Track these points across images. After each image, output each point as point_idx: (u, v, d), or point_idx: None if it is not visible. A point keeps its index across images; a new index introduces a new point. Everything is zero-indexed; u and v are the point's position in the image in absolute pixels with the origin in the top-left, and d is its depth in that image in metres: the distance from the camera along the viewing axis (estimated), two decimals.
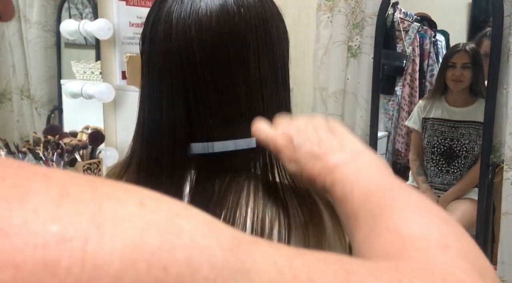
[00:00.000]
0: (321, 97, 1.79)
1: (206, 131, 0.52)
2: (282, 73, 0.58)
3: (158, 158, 0.53)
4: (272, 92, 0.55)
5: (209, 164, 0.52)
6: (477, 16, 2.73)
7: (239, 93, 0.52)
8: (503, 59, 1.46)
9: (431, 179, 2.24)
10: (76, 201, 0.17)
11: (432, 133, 2.22)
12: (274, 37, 0.55)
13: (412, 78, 2.64)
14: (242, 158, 0.54)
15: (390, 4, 2.32)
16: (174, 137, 0.52)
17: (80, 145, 1.36)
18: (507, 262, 1.43)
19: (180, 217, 0.19)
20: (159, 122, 0.53)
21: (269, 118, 0.54)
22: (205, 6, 0.50)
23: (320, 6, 1.75)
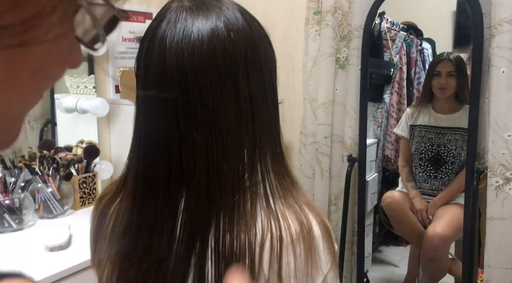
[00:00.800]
0: (311, 108, 1.83)
1: (195, 148, 0.54)
2: (271, 92, 0.61)
3: (154, 175, 0.55)
4: (261, 110, 0.58)
5: (201, 180, 0.54)
6: (462, 24, 2.79)
7: (229, 112, 0.54)
8: (484, 69, 1.52)
9: (420, 184, 2.29)
10: None
11: (419, 140, 2.27)
12: (262, 58, 0.58)
13: (400, 86, 2.69)
14: (234, 173, 0.56)
15: (376, 15, 2.38)
16: (169, 156, 0.54)
17: (76, 159, 1.38)
18: (493, 265, 1.48)
19: None
20: (154, 141, 0.56)
21: (259, 134, 0.58)
22: (197, 30, 0.53)
23: (308, 19, 1.80)
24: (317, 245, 0.57)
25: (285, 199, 0.57)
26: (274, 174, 0.58)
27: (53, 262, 1.06)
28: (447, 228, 2.01)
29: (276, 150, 0.61)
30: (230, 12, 0.56)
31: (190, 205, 0.55)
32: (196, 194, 0.55)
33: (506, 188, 1.44)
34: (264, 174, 0.57)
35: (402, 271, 2.53)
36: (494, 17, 1.43)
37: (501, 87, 1.43)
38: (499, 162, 1.44)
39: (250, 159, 0.57)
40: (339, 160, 1.85)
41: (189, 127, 0.54)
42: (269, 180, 0.57)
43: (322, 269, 0.57)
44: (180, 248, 0.55)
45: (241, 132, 0.55)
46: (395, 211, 2.25)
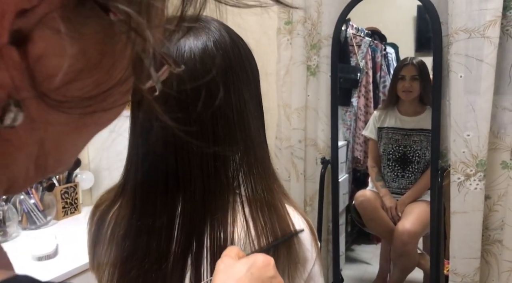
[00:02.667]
0: (285, 114, 1.90)
1: (190, 158, 0.59)
2: (258, 103, 0.67)
3: (152, 184, 0.60)
4: (250, 121, 0.63)
5: (196, 186, 0.59)
6: (423, 29, 2.90)
7: (222, 124, 0.59)
8: (444, 74, 1.64)
9: (389, 183, 2.40)
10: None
11: (387, 141, 2.39)
12: (249, 73, 0.63)
13: (367, 89, 2.80)
14: (227, 179, 0.62)
15: (343, 25, 2.48)
16: (166, 165, 0.59)
17: None
18: (458, 256, 1.59)
19: None
20: (152, 152, 0.60)
21: (248, 143, 0.63)
22: (189, 50, 0.57)
23: (280, 29, 1.87)
24: (304, 244, 0.63)
25: (274, 203, 0.62)
26: (263, 180, 0.63)
27: (42, 271, 1.08)
28: (415, 224, 2.13)
29: (264, 156, 0.67)
30: (218, 31, 0.61)
31: (186, 209, 0.59)
32: (192, 199, 0.59)
33: (467, 183, 1.55)
34: (254, 179, 0.62)
35: (374, 269, 2.62)
36: (451, 26, 1.55)
37: (459, 90, 1.55)
38: (460, 160, 1.56)
39: (241, 166, 0.62)
40: (313, 163, 1.93)
41: (184, 139, 0.58)
42: (258, 185, 0.62)
43: (308, 265, 0.63)
44: (178, 249, 0.59)
45: (232, 142, 0.60)
46: (367, 209, 2.35)
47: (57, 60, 0.20)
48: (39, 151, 0.24)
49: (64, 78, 0.21)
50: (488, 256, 1.65)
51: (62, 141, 0.25)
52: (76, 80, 0.22)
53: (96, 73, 0.22)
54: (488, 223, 1.63)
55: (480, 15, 1.48)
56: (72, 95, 0.22)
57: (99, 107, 0.24)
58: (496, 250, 1.62)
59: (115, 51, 0.23)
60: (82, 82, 0.22)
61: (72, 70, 0.21)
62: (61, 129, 0.24)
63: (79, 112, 0.23)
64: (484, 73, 1.50)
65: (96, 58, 0.22)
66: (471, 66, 1.52)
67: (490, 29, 1.47)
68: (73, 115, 0.23)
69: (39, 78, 0.20)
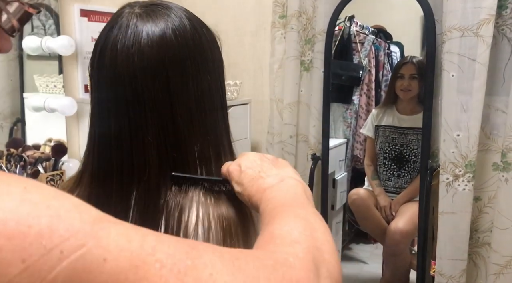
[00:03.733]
0: (277, 108, 1.89)
1: (145, 148, 0.58)
2: (219, 93, 0.66)
3: (108, 173, 0.59)
4: (210, 111, 0.62)
5: (151, 176, 0.58)
6: None
7: (179, 114, 0.59)
8: (437, 73, 1.61)
9: (384, 182, 2.39)
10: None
11: (384, 139, 2.37)
12: (210, 62, 0.62)
13: (369, 87, 2.77)
14: (183, 167, 0.61)
15: (346, 19, 2.46)
16: (121, 154, 0.58)
17: (43, 157, 1.41)
18: (444, 257, 1.57)
19: (52, 198, 0.28)
20: (108, 139, 0.59)
21: (206, 135, 0.62)
22: (147, 36, 0.56)
23: (274, 23, 1.86)
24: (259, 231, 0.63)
25: (231, 195, 0.62)
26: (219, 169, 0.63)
27: None
28: (408, 223, 2.11)
29: (224, 147, 0.66)
30: (178, 18, 0.60)
31: (140, 199, 0.59)
32: (146, 189, 0.58)
33: (455, 184, 1.53)
34: (212, 170, 0.61)
35: (370, 268, 2.61)
36: (444, 24, 1.53)
37: (451, 90, 1.53)
38: (449, 160, 1.54)
39: (199, 157, 0.62)
40: (304, 159, 1.92)
41: (140, 128, 0.57)
42: (214, 175, 0.61)
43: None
44: None
45: (190, 133, 0.59)
46: (360, 208, 2.34)
47: None
48: None
49: None
50: (476, 258, 1.63)
51: None
52: None
53: None
54: (477, 225, 1.61)
55: (474, 13, 1.45)
56: None
57: None
58: (485, 252, 1.60)
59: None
60: None
61: None
62: None
63: None
64: (477, 73, 1.48)
65: None
66: (463, 66, 1.49)
67: (484, 28, 1.44)
68: None
69: None
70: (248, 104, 1.92)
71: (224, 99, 0.67)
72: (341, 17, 2.52)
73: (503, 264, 1.49)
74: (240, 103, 1.86)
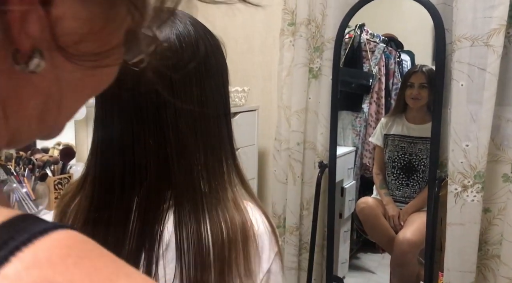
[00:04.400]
0: (284, 115, 1.89)
1: (146, 152, 0.58)
2: (223, 99, 0.66)
3: (110, 176, 0.59)
4: (213, 116, 0.62)
5: (152, 180, 0.59)
6: None
7: (181, 119, 0.59)
8: (447, 82, 1.60)
9: (393, 191, 2.36)
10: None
11: (392, 148, 2.35)
12: (213, 67, 0.61)
13: (379, 96, 2.75)
14: (186, 175, 0.61)
15: (356, 27, 2.46)
16: (124, 158, 0.59)
17: (51, 161, 1.42)
18: (452, 269, 1.55)
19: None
20: (110, 143, 0.60)
21: (209, 141, 0.62)
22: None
23: (283, 30, 1.87)
24: (260, 242, 0.62)
25: (233, 202, 0.61)
26: (217, 177, 0.63)
27: None
28: (417, 234, 2.08)
29: (229, 154, 0.66)
30: (183, 24, 0.60)
31: (141, 203, 0.59)
32: (147, 193, 0.59)
33: (464, 194, 1.51)
34: (211, 177, 0.61)
35: (378, 278, 2.58)
36: (454, 33, 1.51)
37: (460, 99, 1.51)
38: (458, 170, 1.52)
39: (202, 163, 0.62)
40: (311, 166, 1.91)
41: (142, 132, 0.58)
42: (212, 183, 0.61)
43: (264, 263, 0.62)
44: (132, 243, 0.59)
45: (193, 138, 0.59)
46: (368, 217, 2.32)
47: (72, 22, 0.26)
48: (44, 103, 0.28)
49: (76, 37, 0.26)
50: (486, 271, 1.60)
51: (66, 95, 0.29)
52: (85, 40, 0.27)
53: (100, 36, 0.28)
54: (487, 236, 1.59)
55: (484, 23, 1.44)
56: (83, 51, 0.27)
57: (103, 63, 0.29)
58: (494, 265, 1.57)
59: (116, 19, 0.28)
60: (90, 41, 0.27)
61: (82, 31, 0.26)
62: (69, 82, 0.29)
63: (89, 65, 0.28)
64: (487, 83, 1.46)
65: (100, 23, 0.27)
66: (473, 75, 1.48)
67: (494, 37, 1.43)
68: (83, 67, 0.28)
69: (58, 34, 0.25)
70: (256, 111, 1.92)
71: (228, 105, 0.67)
72: (352, 25, 2.52)
73: None
74: (248, 109, 1.86)
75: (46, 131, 0.31)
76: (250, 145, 1.93)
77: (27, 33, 0.24)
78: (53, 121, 0.30)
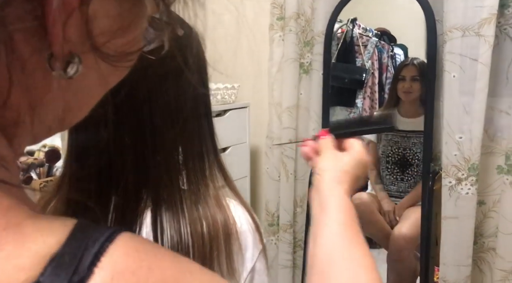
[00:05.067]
0: (276, 112, 1.86)
1: (123, 151, 0.56)
2: (202, 93, 0.63)
3: (86, 179, 0.57)
4: (192, 112, 0.60)
5: (129, 181, 0.57)
6: None
7: (159, 115, 0.57)
8: (438, 74, 1.57)
9: (388, 187, 2.34)
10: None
11: (386, 143, 2.33)
12: (191, 60, 0.58)
13: (372, 90, 2.74)
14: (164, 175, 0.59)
15: (348, 22, 2.44)
16: (100, 158, 0.56)
17: (36, 163, 1.39)
18: (448, 263, 1.52)
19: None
20: (85, 145, 0.57)
21: (188, 138, 0.60)
22: None
23: (272, 25, 1.84)
24: (243, 240, 0.60)
25: (215, 199, 0.60)
26: (198, 174, 0.61)
27: None
28: (412, 228, 2.06)
29: (211, 149, 0.64)
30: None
31: (119, 204, 0.57)
32: (125, 193, 0.57)
33: (458, 188, 1.49)
34: (191, 174, 0.60)
35: None
36: (445, 24, 1.49)
37: (452, 91, 1.49)
38: (451, 163, 1.49)
39: (182, 159, 0.60)
40: (304, 163, 1.88)
41: (117, 130, 0.55)
42: (193, 180, 0.59)
43: (247, 262, 0.60)
44: None
45: (170, 135, 0.57)
46: (363, 212, 2.29)
47: (104, 20, 0.25)
48: (68, 104, 0.28)
49: (108, 35, 0.25)
50: (482, 264, 1.59)
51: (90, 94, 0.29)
52: (115, 36, 0.26)
53: (130, 32, 0.27)
54: (482, 229, 1.57)
55: (475, 12, 1.41)
56: (118, 51, 0.27)
57: (132, 58, 0.29)
58: (490, 258, 1.56)
59: (143, 13, 0.28)
60: (121, 39, 0.27)
61: (113, 29, 0.26)
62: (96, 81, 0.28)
63: (126, 66, 0.28)
64: (479, 74, 1.44)
65: (130, 18, 0.27)
66: (465, 66, 1.46)
67: (485, 27, 1.40)
68: (115, 66, 0.27)
69: (93, 35, 0.25)
70: (247, 108, 1.89)
71: (208, 99, 0.65)
72: (344, 20, 2.50)
73: (509, 270, 1.44)
74: (238, 106, 1.83)
75: (60, 130, 0.30)
76: (241, 143, 1.91)
77: (66, 38, 0.23)
78: (70, 121, 0.30)
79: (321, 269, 0.49)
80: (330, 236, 0.51)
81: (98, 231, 0.23)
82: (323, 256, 0.50)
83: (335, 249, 0.50)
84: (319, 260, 0.50)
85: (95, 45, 0.25)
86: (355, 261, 0.49)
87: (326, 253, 0.50)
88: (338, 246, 0.50)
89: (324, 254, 0.50)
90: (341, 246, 0.50)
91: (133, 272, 0.22)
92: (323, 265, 0.49)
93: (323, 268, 0.49)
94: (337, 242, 0.51)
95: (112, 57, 0.27)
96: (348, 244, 0.51)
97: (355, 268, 0.48)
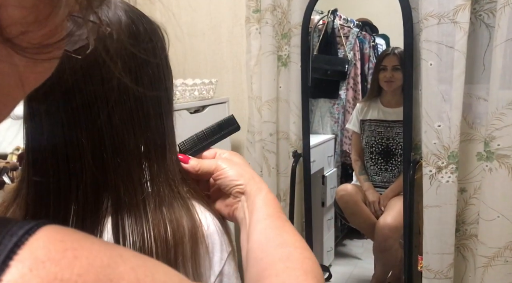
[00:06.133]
0: (255, 106, 1.84)
1: (81, 152, 0.54)
2: (164, 89, 0.61)
3: (44, 183, 0.54)
4: (152, 109, 0.57)
5: (88, 183, 0.54)
6: None
7: (116, 113, 0.54)
8: (416, 63, 1.57)
9: (372, 177, 2.34)
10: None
11: (369, 134, 2.32)
12: (150, 54, 0.56)
13: (355, 81, 2.73)
14: (124, 176, 0.56)
15: (324, 14, 2.42)
16: (57, 160, 0.54)
17: (9, 167, 1.35)
18: (431, 252, 1.53)
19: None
20: (41, 148, 0.55)
21: (150, 137, 0.57)
22: None
23: (249, 18, 1.81)
24: (211, 242, 0.58)
25: (180, 201, 0.58)
26: (161, 176, 0.58)
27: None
28: (397, 218, 2.06)
29: (173, 149, 0.61)
30: (112, 11, 0.55)
31: (79, 209, 0.55)
32: (84, 198, 0.54)
33: (439, 176, 1.49)
34: (159, 175, 0.58)
35: (364, 264, 2.58)
36: (421, 12, 1.48)
37: (430, 79, 1.48)
38: (431, 152, 1.49)
39: (143, 160, 0.58)
40: (285, 156, 1.87)
41: (74, 131, 0.53)
42: (163, 181, 0.58)
43: (215, 266, 0.58)
44: None
45: (129, 135, 0.55)
46: (348, 203, 2.29)
47: (15, 10, 0.24)
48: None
49: (22, 27, 0.24)
50: (464, 251, 1.59)
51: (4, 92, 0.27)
52: (32, 30, 0.25)
53: (47, 25, 0.26)
54: (464, 217, 1.57)
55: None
56: (32, 43, 0.25)
57: (54, 54, 0.28)
58: (472, 244, 1.56)
59: (61, 5, 0.26)
60: (38, 31, 0.25)
61: (27, 21, 0.24)
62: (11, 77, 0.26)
63: (42, 58, 0.27)
64: (455, 61, 1.43)
65: (47, 10, 0.25)
66: (441, 54, 1.45)
67: (460, 14, 1.39)
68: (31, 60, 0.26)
69: (3, 25, 0.23)
70: (226, 103, 1.87)
71: (171, 96, 0.63)
72: (325, 11, 2.48)
73: (491, 256, 1.44)
74: (217, 102, 1.80)
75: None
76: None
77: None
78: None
79: (255, 256, 0.53)
80: (261, 229, 0.55)
81: (18, 225, 0.22)
82: (257, 246, 0.54)
83: (267, 237, 0.54)
84: (253, 251, 0.54)
85: (6, 36, 0.24)
86: (286, 243, 0.54)
87: (260, 242, 0.54)
88: (269, 235, 0.55)
89: (258, 244, 0.54)
90: (272, 234, 0.55)
91: (56, 262, 0.21)
92: (257, 254, 0.53)
93: (257, 255, 0.53)
94: (268, 232, 0.55)
95: (27, 49, 0.25)
96: (279, 232, 0.55)
97: (288, 248, 0.53)
